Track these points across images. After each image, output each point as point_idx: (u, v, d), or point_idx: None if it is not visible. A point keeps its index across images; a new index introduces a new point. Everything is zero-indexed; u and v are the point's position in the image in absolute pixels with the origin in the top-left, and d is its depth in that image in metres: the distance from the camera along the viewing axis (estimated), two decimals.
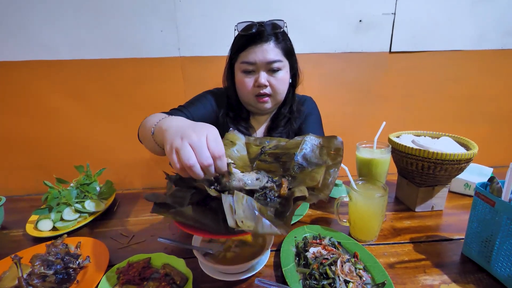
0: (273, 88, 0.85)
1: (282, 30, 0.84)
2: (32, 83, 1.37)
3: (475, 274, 0.57)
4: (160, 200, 0.49)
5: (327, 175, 0.52)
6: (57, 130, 1.45)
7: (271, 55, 0.81)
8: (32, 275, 0.49)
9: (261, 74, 0.83)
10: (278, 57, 0.83)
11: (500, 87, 1.52)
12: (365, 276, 0.54)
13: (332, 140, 0.61)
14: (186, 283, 0.53)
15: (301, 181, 0.54)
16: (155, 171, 1.51)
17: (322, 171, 0.52)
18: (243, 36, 0.83)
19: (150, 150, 0.74)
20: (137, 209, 0.87)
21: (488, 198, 0.55)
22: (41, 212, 0.76)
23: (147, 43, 1.35)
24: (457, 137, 0.81)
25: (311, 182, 0.51)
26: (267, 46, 0.81)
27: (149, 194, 0.51)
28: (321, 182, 0.50)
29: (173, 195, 0.50)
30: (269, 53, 0.81)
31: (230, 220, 0.40)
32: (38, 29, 1.29)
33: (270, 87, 0.85)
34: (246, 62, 0.83)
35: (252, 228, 0.40)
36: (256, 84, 0.84)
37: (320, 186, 0.50)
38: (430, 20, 1.39)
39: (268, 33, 0.81)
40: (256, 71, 0.84)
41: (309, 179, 0.52)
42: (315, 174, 0.52)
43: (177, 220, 0.46)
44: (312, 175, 0.53)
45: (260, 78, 0.82)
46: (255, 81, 0.84)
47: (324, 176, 0.51)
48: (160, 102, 1.43)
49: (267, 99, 0.86)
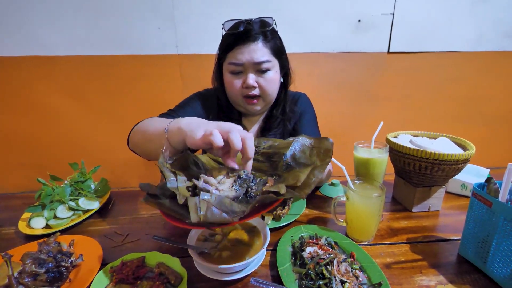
0: (262, 89, 0.83)
1: (271, 28, 0.81)
2: (29, 80, 1.36)
3: (471, 275, 0.57)
4: (152, 191, 0.50)
5: (311, 175, 0.51)
6: (53, 128, 1.44)
7: (259, 55, 0.78)
8: (23, 273, 0.48)
9: (249, 76, 0.80)
10: (266, 57, 0.80)
11: (498, 89, 1.53)
12: (362, 276, 0.54)
13: (323, 141, 0.61)
14: (181, 282, 0.52)
15: (285, 180, 0.53)
16: (151, 170, 1.50)
17: (307, 171, 0.52)
18: (230, 36, 0.80)
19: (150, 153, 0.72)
20: (132, 207, 0.86)
21: (485, 198, 0.55)
22: (34, 209, 0.74)
23: (144, 41, 1.35)
24: (454, 137, 0.81)
25: (292, 180, 0.51)
26: (254, 46, 0.78)
27: (144, 184, 0.52)
28: (301, 181, 0.50)
29: (161, 188, 0.51)
30: (257, 53, 0.78)
31: (194, 216, 0.41)
32: (35, 26, 1.28)
33: (259, 88, 0.82)
34: (234, 63, 0.80)
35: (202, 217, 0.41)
36: (244, 85, 0.82)
37: (301, 184, 0.50)
38: (429, 21, 1.40)
39: (256, 32, 0.79)
40: (244, 72, 0.81)
41: (292, 178, 0.52)
42: (299, 174, 0.52)
43: (160, 209, 0.47)
44: (296, 174, 0.52)
45: (248, 80, 0.80)
46: (243, 82, 0.82)
47: (308, 176, 0.51)
48: (158, 99, 1.43)
49: (255, 101, 0.84)
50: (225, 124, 0.51)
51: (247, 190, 0.49)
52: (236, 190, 0.48)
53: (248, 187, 0.50)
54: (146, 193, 0.50)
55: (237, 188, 0.49)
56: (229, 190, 0.48)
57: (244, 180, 0.51)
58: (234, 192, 0.48)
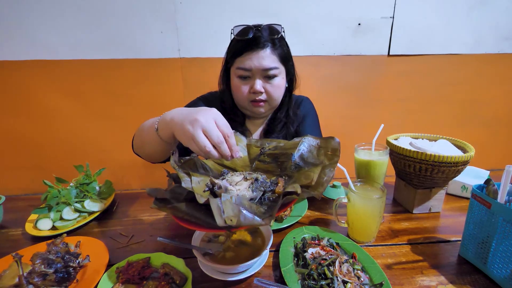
0: (269, 95, 0.85)
1: (280, 36, 0.83)
2: (31, 83, 1.37)
3: (472, 275, 0.57)
4: (160, 195, 0.51)
5: (322, 174, 0.52)
6: (56, 130, 1.45)
7: (267, 62, 0.80)
8: (33, 273, 0.49)
9: (257, 82, 0.82)
10: (274, 64, 0.81)
11: (498, 91, 1.54)
12: (363, 277, 0.55)
13: (329, 141, 0.62)
14: (186, 282, 0.53)
15: (297, 179, 0.55)
16: (152, 173, 1.51)
17: (318, 170, 0.53)
18: (239, 41, 0.82)
19: (150, 155, 0.74)
20: (136, 209, 0.87)
21: (484, 200, 0.56)
22: (41, 211, 0.76)
23: (147, 44, 1.36)
24: (454, 139, 0.82)
25: (305, 180, 0.52)
26: (263, 53, 0.80)
27: (151, 189, 0.52)
28: (315, 180, 0.51)
29: (172, 191, 0.52)
30: (265, 60, 0.80)
31: (219, 219, 0.42)
32: (37, 29, 1.30)
33: (265, 93, 0.84)
34: (242, 68, 0.82)
35: (235, 221, 0.41)
36: (252, 90, 0.83)
37: (314, 184, 0.51)
38: (429, 24, 1.41)
39: (265, 39, 0.80)
40: (252, 78, 0.83)
41: (304, 177, 0.53)
42: (310, 173, 0.53)
43: (174, 214, 0.48)
44: (307, 173, 0.53)
45: (256, 85, 0.82)
46: (251, 88, 0.83)
47: (319, 175, 0.52)
48: (159, 103, 1.44)
49: (262, 104, 0.86)
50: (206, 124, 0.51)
51: (263, 193, 0.51)
52: (253, 192, 0.50)
53: (265, 191, 0.51)
54: (155, 198, 0.51)
55: (254, 190, 0.50)
56: (246, 191, 0.50)
57: (261, 183, 0.53)
58: (251, 193, 0.49)
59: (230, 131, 0.53)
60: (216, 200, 0.44)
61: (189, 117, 0.52)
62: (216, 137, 0.50)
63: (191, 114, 0.52)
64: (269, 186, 0.53)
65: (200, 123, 0.50)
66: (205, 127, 0.50)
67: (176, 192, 0.52)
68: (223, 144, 0.51)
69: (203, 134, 0.50)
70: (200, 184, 0.51)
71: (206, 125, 0.50)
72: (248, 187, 0.52)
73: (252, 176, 0.55)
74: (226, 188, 0.49)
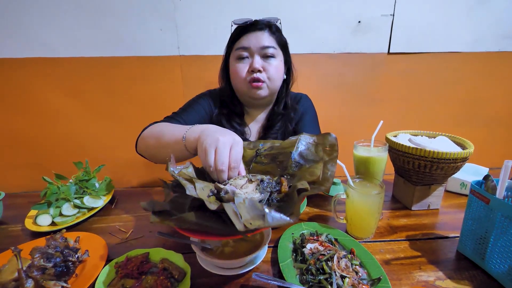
0: (268, 74, 0.85)
1: (277, 23, 0.87)
2: (31, 81, 1.37)
3: (470, 271, 0.58)
4: (158, 208, 0.48)
5: (326, 169, 0.53)
6: (55, 128, 1.45)
7: (265, 41, 0.83)
8: (32, 267, 0.50)
9: (255, 58, 0.83)
10: (272, 44, 0.84)
11: (497, 89, 1.54)
12: (361, 272, 0.55)
13: (326, 137, 0.62)
14: (184, 277, 0.53)
15: (301, 177, 0.55)
16: (152, 171, 1.51)
17: (321, 166, 0.53)
18: (238, 27, 0.85)
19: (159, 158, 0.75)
20: (135, 205, 0.87)
21: (483, 195, 0.56)
22: (40, 207, 0.76)
23: (146, 42, 1.36)
24: (453, 136, 0.82)
25: (311, 177, 0.52)
26: (261, 33, 0.83)
27: (146, 203, 0.48)
28: (321, 176, 0.51)
29: (172, 201, 0.50)
30: (264, 39, 0.83)
31: (239, 225, 0.40)
32: (36, 27, 1.29)
33: (265, 72, 0.85)
34: (241, 47, 0.84)
35: (262, 224, 0.40)
36: (250, 69, 0.84)
37: (321, 179, 0.51)
38: (429, 22, 1.41)
39: (263, 23, 0.84)
40: (250, 57, 0.85)
41: (309, 174, 0.53)
42: (314, 169, 0.53)
43: (179, 226, 0.45)
44: (311, 170, 0.54)
45: (254, 63, 0.83)
46: (250, 66, 0.84)
47: (323, 170, 0.52)
48: (159, 100, 1.44)
49: (261, 84, 0.85)
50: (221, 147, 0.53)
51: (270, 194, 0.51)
52: (261, 193, 0.50)
53: (272, 192, 0.51)
54: (152, 212, 0.47)
55: (261, 191, 0.50)
56: (253, 193, 0.49)
57: (267, 184, 0.53)
58: (259, 195, 0.49)
59: (237, 164, 0.54)
60: (230, 205, 0.42)
61: (215, 134, 0.55)
62: (220, 163, 0.52)
63: (217, 132, 0.57)
64: (274, 187, 0.53)
65: (217, 143, 0.53)
66: (219, 148, 0.53)
67: (177, 202, 0.49)
68: (223, 173, 0.53)
69: (214, 153, 0.53)
70: (204, 191, 0.49)
71: (220, 147, 0.53)
72: (255, 189, 0.52)
73: (256, 178, 0.55)
74: (233, 192, 0.48)
